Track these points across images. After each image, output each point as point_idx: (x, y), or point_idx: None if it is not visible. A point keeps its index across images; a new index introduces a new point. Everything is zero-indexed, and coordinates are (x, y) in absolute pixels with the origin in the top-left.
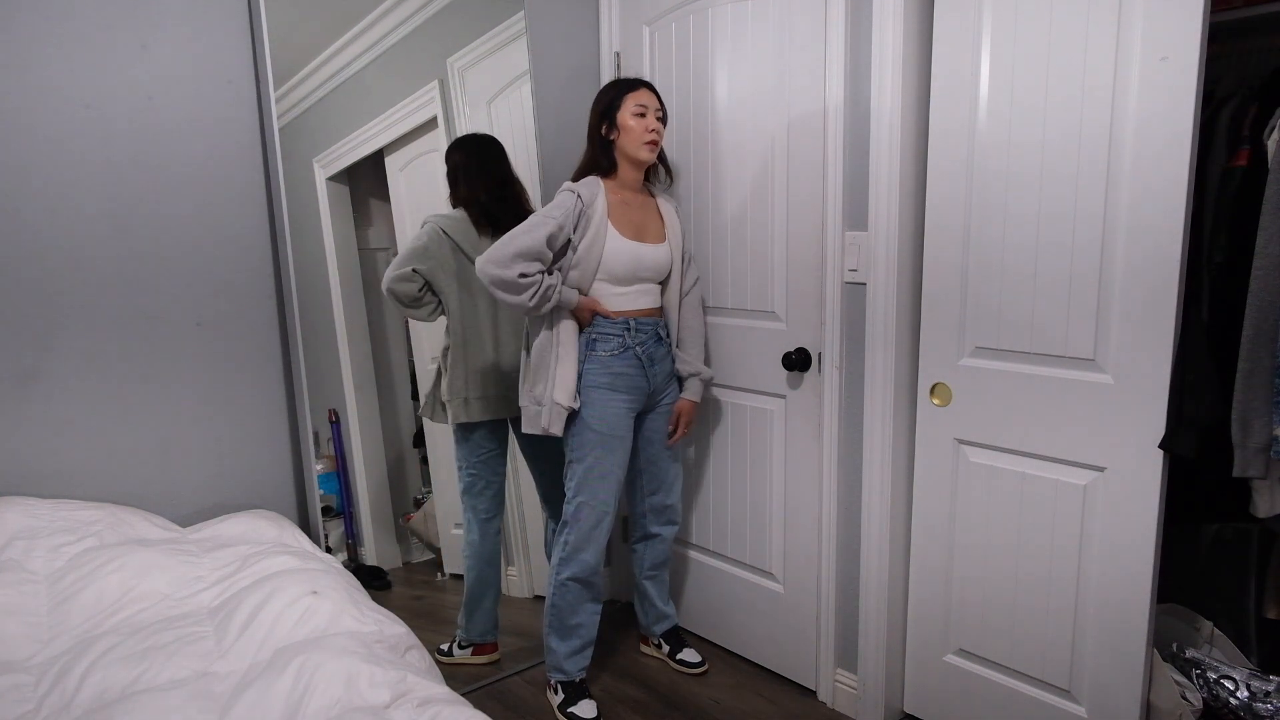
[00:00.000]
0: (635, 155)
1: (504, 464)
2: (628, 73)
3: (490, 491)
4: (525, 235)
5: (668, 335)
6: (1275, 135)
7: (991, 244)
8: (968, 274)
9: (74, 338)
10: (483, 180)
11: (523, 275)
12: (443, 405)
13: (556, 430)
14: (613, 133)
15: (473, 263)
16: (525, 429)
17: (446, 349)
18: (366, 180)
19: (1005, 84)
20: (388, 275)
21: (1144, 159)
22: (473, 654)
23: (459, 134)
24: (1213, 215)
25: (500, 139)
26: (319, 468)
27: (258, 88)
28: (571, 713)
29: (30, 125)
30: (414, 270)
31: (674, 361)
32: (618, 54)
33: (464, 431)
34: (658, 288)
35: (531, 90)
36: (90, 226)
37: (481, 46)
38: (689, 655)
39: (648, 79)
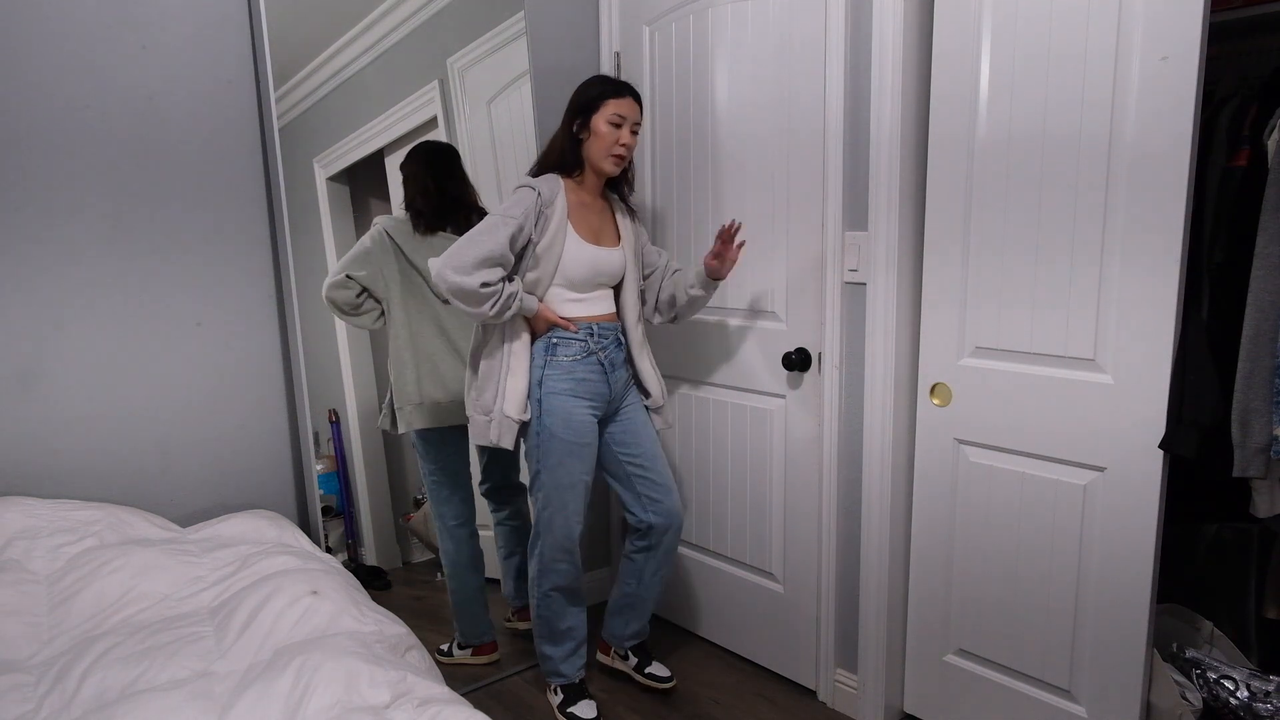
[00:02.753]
0: (598, 165)
1: (467, 468)
2: (628, 73)
3: (457, 498)
4: (487, 237)
5: (626, 341)
6: (1275, 135)
7: (991, 244)
8: (967, 274)
9: (73, 337)
10: (419, 184)
11: (485, 285)
12: (393, 413)
13: (506, 443)
14: (583, 132)
15: (411, 263)
16: (474, 440)
17: (392, 359)
18: (366, 180)
19: (1005, 83)
20: (325, 282)
21: (1144, 159)
22: (473, 654)
23: (459, 134)
24: (1213, 215)
25: (500, 139)
26: (319, 468)
27: (258, 88)
28: (571, 713)
29: (30, 125)
30: (348, 276)
31: (633, 366)
32: (618, 54)
33: (421, 439)
34: (612, 293)
35: (531, 90)
36: (90, 226)
37: (481, 46)
38: (659, 670)
39: (647, 80)
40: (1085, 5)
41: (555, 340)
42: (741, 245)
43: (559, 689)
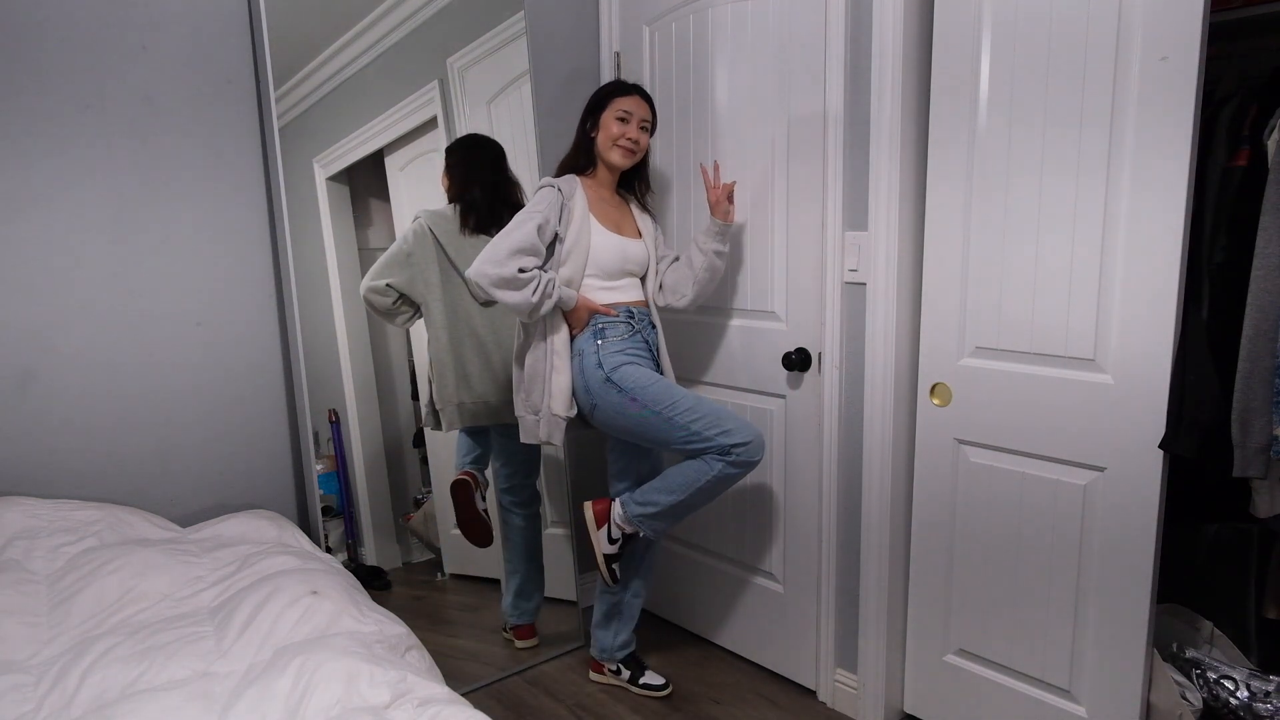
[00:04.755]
0: (605, 156)
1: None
2: (628, 73)
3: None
4: (516, 231)
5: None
6: (1275, 135)
7: (991, 243)
8: (968, 274)
9: (73, 337)
10: (477, 177)
11: (522, 270)
12: (435, 413)
13: (557, 440)
14: (594, 130)
15: (453, 263)
16: (523, 439)
17: (431, 359)
18: (366, 180)
19: (1005, 83)
20: (365, 282)
21: (1144, 159)
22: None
23: (459, 134)
24: (1213, 215)
25: (500, 139)
26: (319, 468)
27: (258, 88)
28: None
29: (30, 126)
30: (388, 285)
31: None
32: (618, 54)
33: (462, 434)
34: (640, 282)
35: (531, 90)
36: (91, 227)
37: (481, 46)
38: (653, 679)
39: (647, 80)
40: (1085, 5)
41: (601, 325)
42: (730, 185)
43: (632, 535)
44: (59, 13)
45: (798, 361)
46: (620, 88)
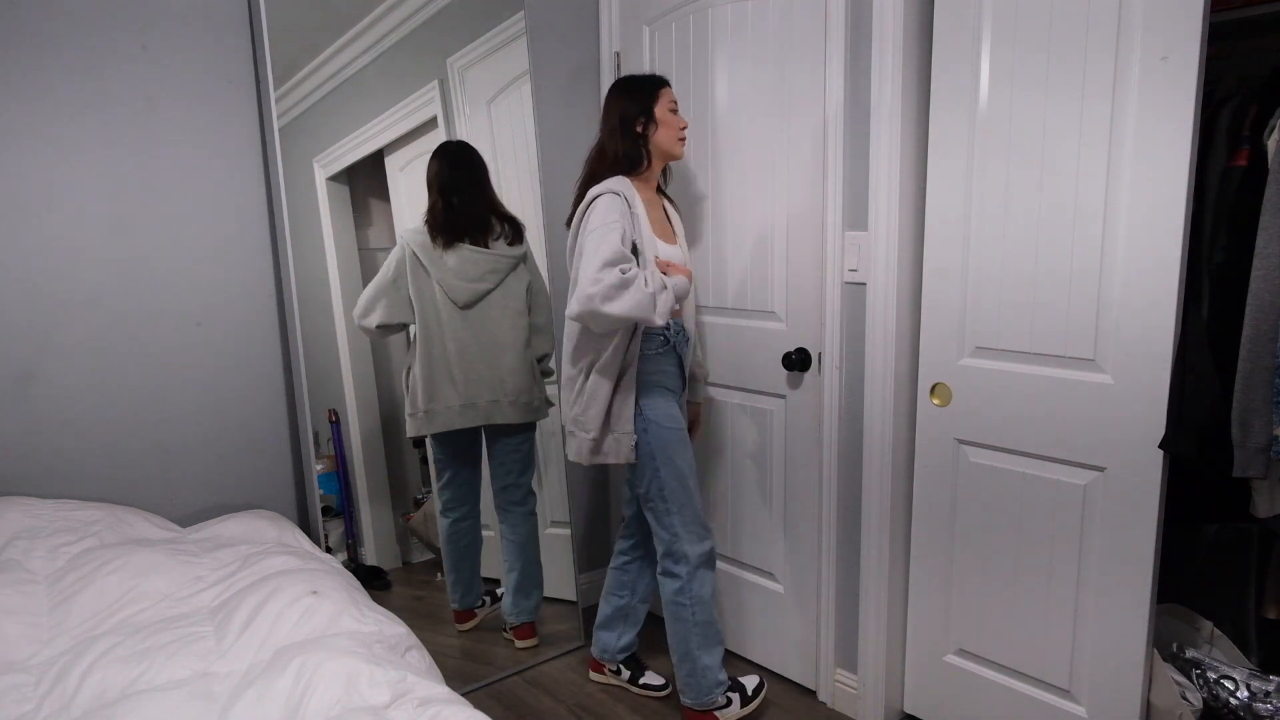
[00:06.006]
0: (671, 150)
1: (476, 467)
2: (628, 73)
3: (463, 494)
4: (603, 246)
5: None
6: (1275, 135)
7: (991, 244)
8: (968, 274)
9: (73, 336)
10: (432, 196)
11: (623, 270)
12: (412, 420)
13: (630, 459)
14: (650, 127)
15: (427, 272)
16: (572, 458)
17: (409, 368)
18: (366, 180)
19: (1005, 83)
20: (356, 318)
21: (1144, 159)
22: (457, 621)
23: (459, 134)
24: (1213, 215)
25: (500, 139)
26: (319, 468)
27: (258, 88)
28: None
29: (30, 126)
30: (378, 327)
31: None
32: (618, 54)
33: (434, 440)
34: None
35: (531, 90)
36: (91, 227)
37: (481, 46)
38: (653, 679)
39: None
40: (1085, 6)
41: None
42: None
43: (732, 699)
44: (59, 13)
45: (798, 361)
46: (659, 80)
